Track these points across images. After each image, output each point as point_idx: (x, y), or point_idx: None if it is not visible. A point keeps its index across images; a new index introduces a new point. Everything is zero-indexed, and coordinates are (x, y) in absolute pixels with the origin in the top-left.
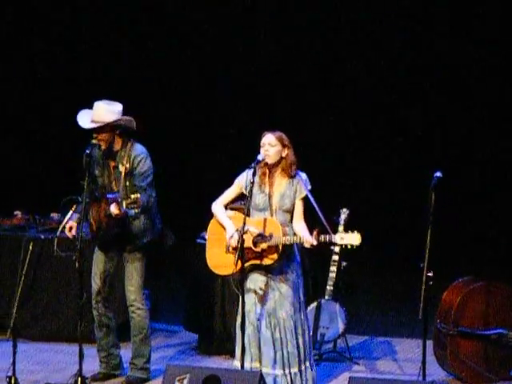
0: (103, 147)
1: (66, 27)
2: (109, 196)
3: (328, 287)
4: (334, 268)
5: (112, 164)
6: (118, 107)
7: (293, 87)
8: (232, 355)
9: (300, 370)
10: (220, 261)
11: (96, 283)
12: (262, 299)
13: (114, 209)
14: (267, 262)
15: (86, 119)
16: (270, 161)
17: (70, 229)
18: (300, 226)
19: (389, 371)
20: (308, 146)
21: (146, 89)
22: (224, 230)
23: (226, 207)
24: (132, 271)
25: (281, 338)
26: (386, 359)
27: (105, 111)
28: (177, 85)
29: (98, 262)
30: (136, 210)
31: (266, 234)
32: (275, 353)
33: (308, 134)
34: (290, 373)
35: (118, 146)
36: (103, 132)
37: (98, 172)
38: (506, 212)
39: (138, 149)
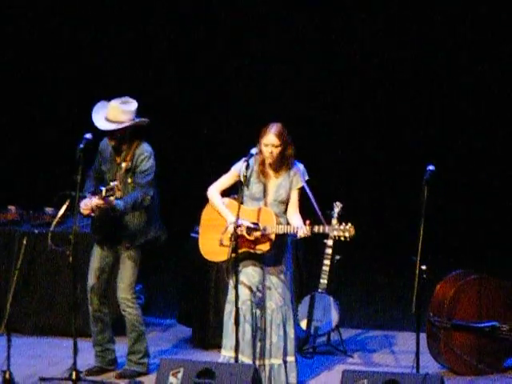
0: (113, 144)
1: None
2: (101, 188)
3: (321, 280)
4: (327, 261)
5: (118, 160)
6: (132, 106)
7: (289, 81)
8: None
9: (285, 361)
10: (213, 247)
11: (91, 279)
12: (253, 291)
13: (95, 199)
14: (260, 249)
15: (100, 117)
16: (272, 161)
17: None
18: (294, 216)
19: (382, 364)
20: (303, 138)
21: (135, 83)
22: (219, 217)
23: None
24: (125, 269)
25: (265, 328)
26: (380, 352)
27: (121, 112)
28: (167, 79)
29: (95, 258)
30: (112, 198)
31: (261, 223)
32: (257, 343)
33: (303, 127)
34: (271, 364)
35: (125, 143)
36: (116, 133)
37: (106, 168)
38: (499, 205)
39: (143, 147)
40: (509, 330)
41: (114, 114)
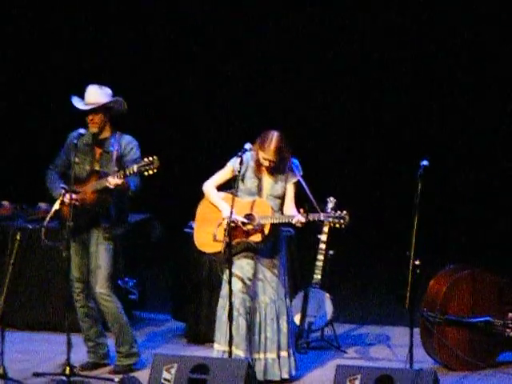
0: (95, 130)
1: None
2: (103, 172)
3: (315, 276)
4: (321, 257)
5: (99, 150)
6: (108, 90)
7: (289, 81)
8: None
9: (279, 356)
10: (208, 240)
11: (74, 275)
12: (247, 285)
13: (112, 179)
14: (252, 240)
15: (80, 103)
16: (270, 170)
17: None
18: (291, 210)
19: (376, 359)
20: (303, 138)
21: (135, 83)
22: (214, 211)
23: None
24: (101, 262)
25: (260, 322)
26: (374, 347)
27: (98, 94)
28: (164, 73)
29: (73, 253)
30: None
31: (256, 214)
32: (252, 337)
33: (303, 127)
34: (266, 358)
35: (107, 133)
36: (97, 114)
37: (78, 159)
38: (493, 200)
39: (128, 137)
40: (502, 325)
41: (93, 96)
